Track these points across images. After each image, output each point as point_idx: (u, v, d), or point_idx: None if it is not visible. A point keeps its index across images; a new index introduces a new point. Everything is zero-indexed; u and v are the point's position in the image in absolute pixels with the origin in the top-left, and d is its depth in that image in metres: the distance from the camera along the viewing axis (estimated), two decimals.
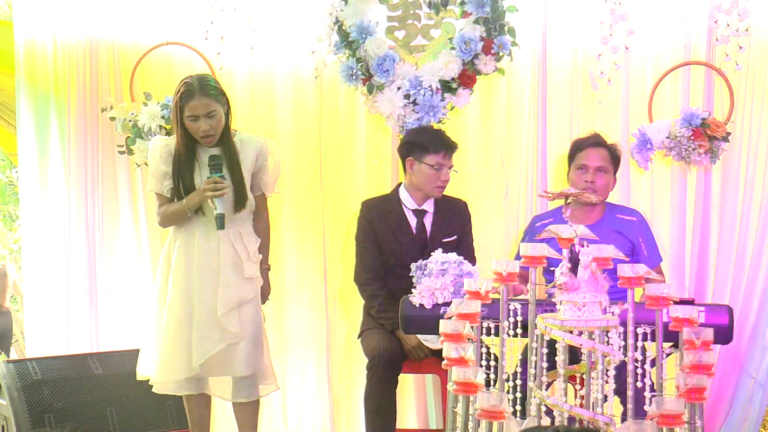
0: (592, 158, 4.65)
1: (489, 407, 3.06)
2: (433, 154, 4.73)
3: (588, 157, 4.66)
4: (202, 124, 4.32)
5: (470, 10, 4.97)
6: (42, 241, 5.44)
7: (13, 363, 4.94)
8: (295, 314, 5.50)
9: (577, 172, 4.67)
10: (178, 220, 4.40)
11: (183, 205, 4.35)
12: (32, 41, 5.43)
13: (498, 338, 3.53)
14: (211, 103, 4.32)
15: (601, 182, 4.64)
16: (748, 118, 5.10)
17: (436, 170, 4.73)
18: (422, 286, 4.24)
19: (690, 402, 3.27)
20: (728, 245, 5.13)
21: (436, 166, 4.73)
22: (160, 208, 4.44)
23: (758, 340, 5.05)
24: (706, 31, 5.08)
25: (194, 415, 4.57)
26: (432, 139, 4.76)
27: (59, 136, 5.44)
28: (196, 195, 4.32)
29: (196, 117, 4.32)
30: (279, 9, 5.36)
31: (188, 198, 4.34)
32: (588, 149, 4.67)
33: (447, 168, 4.75)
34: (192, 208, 4.34)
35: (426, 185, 4.77)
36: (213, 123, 4.34)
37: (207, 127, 4.32)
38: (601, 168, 4.65)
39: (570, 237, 3.33)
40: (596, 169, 4.64)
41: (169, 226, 4.46)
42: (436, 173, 4.74)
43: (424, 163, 4.74)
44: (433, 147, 4.73)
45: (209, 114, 4.32)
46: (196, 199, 4.33)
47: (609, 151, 4.69)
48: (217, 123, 4.35)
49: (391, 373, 4.61)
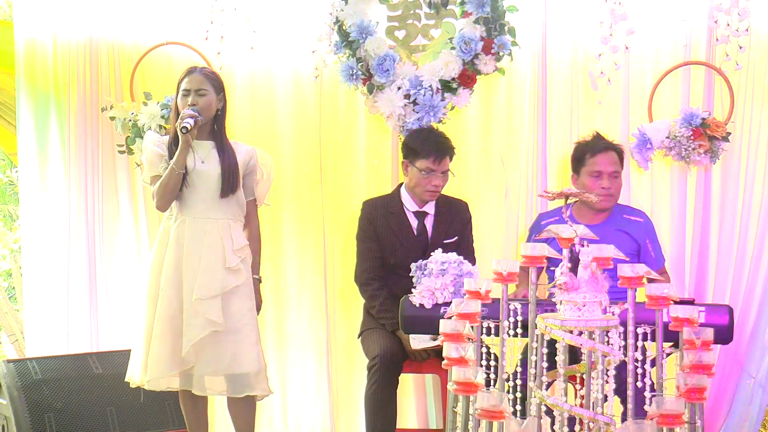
0: (606, 163, 4.64)
1: (489, 407, 3.06)
2: (422, 158, 4.72)
3: (602, 162, 4.64)
4: (190, 99, 4.41)
5: (470, 10, 4.97)
6: (42, 241, 5.44)
7: (13, 362, 4.94)
8: (295, 314, 5.50)
9: (591, 179, 4.65)
10: (172, 188, 4.38)
11: (171, 167, 4.36)
12: (32, 41, 5.42)
13: (498, 338, 3.53)
14: (204, 82, 4.43)
15: (616, 187, 4.65)
16: (748, 117, 5.10)
17: (426, 175, 4.72)
18: (422, 286, 4.24)
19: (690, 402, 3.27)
20: (728, 245, 5.13)
21: (425, 170, 4.71)
22: (154, 186, 4.44)
23: (758, 340, 5.05)
24: (706, 31, 5.08)
25: (190, 415, 4.56)
26: (423, 143, 4.74)
27: (59, 136, 5.44)
28: (177, 152, 4.35)
29: (188, 92, 4.43)
30: (279, 9, 5.36)
31: (173, 159, 4.36)
32: (600, 155, 4.65)
33: (439, 173, 4.73)
34: (179, 165, 4.35)
35: (416, 189, 4.77)
36: (201, 102, 4.41)
37: (194, 102, 4.39)
38: (615, 172, 4.66)
39: (570, 237, 3.33)
40: (611, 174, 4.65)
41: (165, 201, 4.43)
42: (425, 178, 4.72)
43: (415, 167, 4.74)
44: (423, 151, 4.72)
45: (199, 92, 4.41)
46: (178, 152, 4.35)
47: (617, 153, 4.69)
48: (207, 104, 4.42)
49: (392, 373, 4.60)
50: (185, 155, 4.36)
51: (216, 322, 4.32)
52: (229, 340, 4.36)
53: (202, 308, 4.32)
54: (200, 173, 4.40)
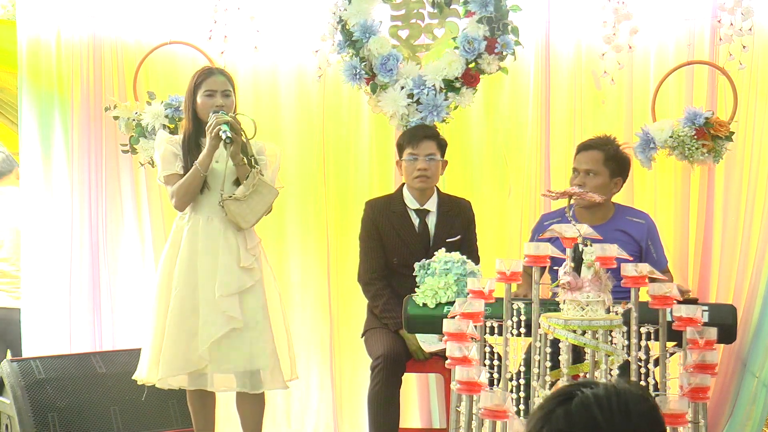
0: (581, 161, 4.68)
1: (492, 406, 3.06)
2: (405, 148, 4.79)
3: (578, 160, 4.70)
4: (217, 100, 4.46)
5: (474, 10, 4.97)
6: (45, 240, 5.44)
7: (17, 362, 4.94)
8: (298, 313, 5.49)
9: (571, 176, 4.70)
10: (194, 188, 4.43)
11: (196, 167, 4.41)
12: (35, 39, 5.42)
13: (501, 337, 3.53)
14: (227, 83, 4.52)
15: (590, 185, 4.62)
16: (751, 117, 5.09)
17: (411, 162, 4.76)
18: (425, 286, 4.24)
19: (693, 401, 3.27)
20: (732, 244, 5.13)
21: (409, 157, 4.76)
22: (174, 186, 4.46)
23: (762, 339, 5.04)
24: (709, 31, 5.07)
25: (198, 415, 4.57)
26: (404, 135, 4.84)
27: (63, 135, 5.43)
28: (204, 154, 4.39)
29: (214, 92, 4.48)
30: (282, 8, 5.36)
31: (198, 160, 4.40)
32: (580, 153, 4.71)
33: (422, 156, 4.76)
34: (204, 166, 4.40)
35: (408, 179, 4.81)
36: (227, 103, 4.48)
37: (221, 102, 4.45)
38: (589, 171, 4.66)
39: (573, 236, 3.33)
40: (585, 172, 4.66)
41: (186, 201, 4.47)
42: (410, 164, 4.77)
43: (403, 160, 4.78)
44: (404, 142, 4.80)
45: (225, 92, 4.49)
46: (205, 154, 4.40)
47: (603, 153, 4.67)
48: (231, 105, 4.50)
49: (395, 373, 4.61)
50: (212, 157, 4.41)
51: (237, 318, 4.37)
52: (244, 338, 4.40)
53: (223, 305, 4.35)
54: (214, 172, 4.42)
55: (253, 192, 4.41)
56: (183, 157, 4.47)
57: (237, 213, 4.41)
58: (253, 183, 4.40)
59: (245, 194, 4.40)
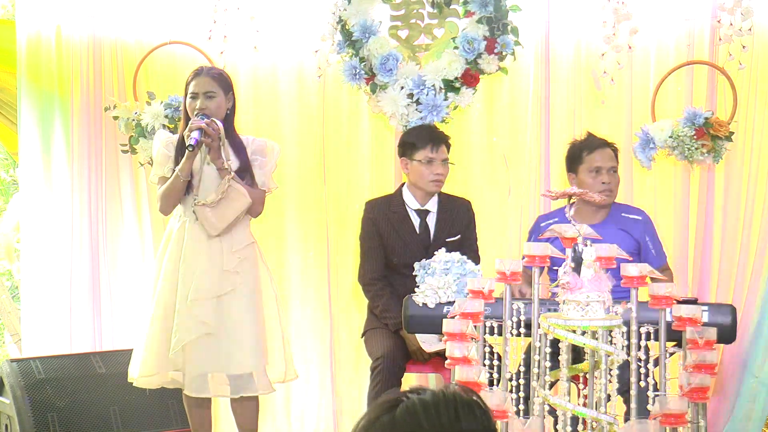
0: (604, 159, 4.63)
1: (492, 406, 3.06)
2: (420, 149, 4.74)
3: (600, 158, 4.62)
4: (199, 102, 4.36)
5: (473, 10, 4.97)
6: (44, 240, 5.44)
7: (17, 362, 4.94)
8: (298, 314, 5.50)
9: (590, 175, 4.62)
10: (175, 194, 4.38)
11: (176, 173, 4.35)
12: (35, 39, 5.42)
13: (501, 337, 3.53)
14: (212, 84, 4.40)
15: (615, 182, 4.65)
16: (751, 117, 5.10)
17: (427, 164, 4.74)
18: (425, 285, 4.24)
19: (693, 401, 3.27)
20: (731, 244, 5.13)
21: (425, 160, 4.73)
22: (159, 190, 4.44)
23: (761, 339, 5.05)
24: (709, 31, 5.07)
25: (195, 416, 4.57)
26: (418, 135, 4.78)
27: (63, 135, 5.44)
28: (183, 159, 4.32)
29: (196, 95, 4.39)
30: (282, 8, 5.36)
31: (179, 167, 4.34)
32: (597, 151, 4.63)
33: (439, 161, 4.75)
34: (185, 172, 4.33)
35: (420, 182, 4.78)
36: (210, 105, 4.37)
37: (203, 105, 4.36)
38: (613, 168, 4.65)
39: (573, 236, 3.34)
40: (609, 170, 4.64)
41: (168, 205, 4.44)
42: (427, 167, 4.74)
43: (415, 161, 4.76)
44: (419, 143, 4.74)
45: (208, 94, 4.38)
46: (183, 159, 4.32)
47: (613, 151, 4.69)
48: (216, 107, 4.39)
49: (395, 373, 4.60)
50: (191, 164, 4.35)
51: (208, 324, 4.32)
52: (224, 342, 4.35)
53: (195, 310, 4.32)
54: (207, 174, 4.40)
55: (222, 198, 4.32)
56: (175, 159, 4.44)
57: (204, 219, 4.34)
58: (223, 190, 4.31)
59: (214, 201, 4.31)
